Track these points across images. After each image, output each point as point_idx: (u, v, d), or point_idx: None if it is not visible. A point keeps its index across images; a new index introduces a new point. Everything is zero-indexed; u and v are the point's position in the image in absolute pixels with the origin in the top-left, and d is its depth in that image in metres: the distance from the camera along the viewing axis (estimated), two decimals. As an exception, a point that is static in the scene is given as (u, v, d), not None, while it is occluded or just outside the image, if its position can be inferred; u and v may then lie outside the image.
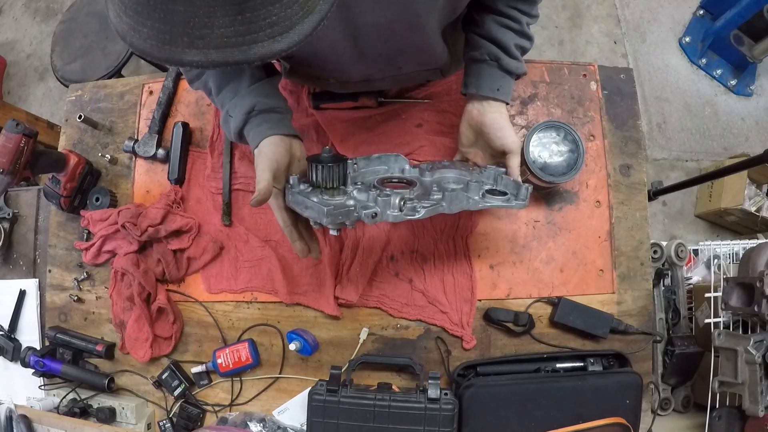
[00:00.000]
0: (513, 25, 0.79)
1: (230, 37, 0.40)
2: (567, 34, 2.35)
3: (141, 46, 0.41)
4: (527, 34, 0.80)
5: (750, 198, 1.97)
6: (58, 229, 1.13)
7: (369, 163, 0.83)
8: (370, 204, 0.69)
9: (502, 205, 0.77)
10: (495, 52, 0.80)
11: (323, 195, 0.71)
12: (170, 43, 0.40)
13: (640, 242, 1.00)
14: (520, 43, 0.80)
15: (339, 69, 0.83)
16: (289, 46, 0.42)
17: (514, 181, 0.79)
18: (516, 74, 0.82)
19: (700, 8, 2.30)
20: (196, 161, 1.09)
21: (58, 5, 2.64)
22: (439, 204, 0.71)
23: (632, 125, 1.04)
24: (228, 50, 0.40)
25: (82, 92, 1.19)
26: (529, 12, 0.80)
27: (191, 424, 1.01)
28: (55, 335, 1.06)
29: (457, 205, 0.73)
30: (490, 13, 0.80)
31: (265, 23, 0.40)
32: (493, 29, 0.79)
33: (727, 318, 1.16)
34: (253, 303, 1.04)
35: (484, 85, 0.81)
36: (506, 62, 0.80)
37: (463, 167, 0.84)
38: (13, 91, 2.59)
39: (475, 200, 0.75)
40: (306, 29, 0.43)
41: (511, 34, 0.79)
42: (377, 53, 0.77)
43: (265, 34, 0.41)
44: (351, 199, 0.70)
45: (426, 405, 0.86)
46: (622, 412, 0.88)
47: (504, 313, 0.96)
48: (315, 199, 0.69)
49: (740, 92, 2.25)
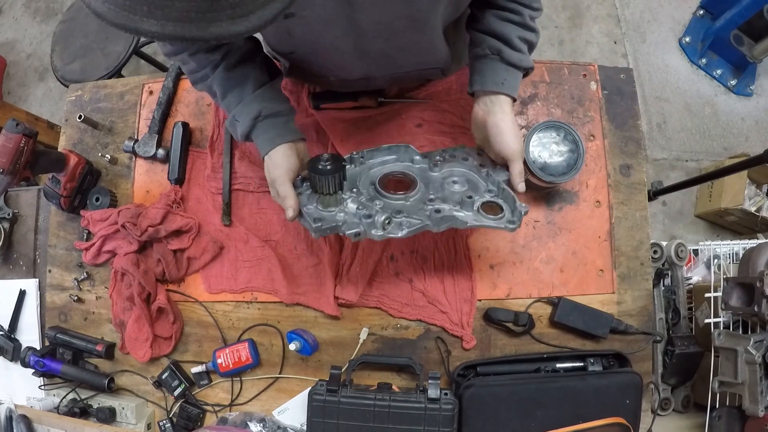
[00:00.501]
0: (514, 18, 0.78)
1: (190, 12, 0.39)
2: (567, 34, 2.35)
3: (99, 9, 0.40)
4: (530, 26, 0.79)
5: (750, 198, 1.97)
6: (58, 229, 1.13)
7: (376, 153, 0.85)
8: (355, 221, 0.75)
9: (491, 225, 0.77)
10: (496, 45, 0.78)
11: (319, 202, 0.78)
12: (129, 10, 0.39)
13: (640, 242, 1.00)
14: (523, 35, 0.78)
15: (340, 67, 0.84)
16: (247, 29, 0.42)
17: (513, 196, 0.78)
18: (521, 67, 0.80)
19: (700, 8, 2.30)
20: (196, 161, 1.09)
21: (58, 5, 2.64)
22: (424, 223, 0.75)
23: (632, 125, 1.04)
24: (186, 25, 0.40)
25: (82, 92, 1.19)
26: (530, 4, 0.78)
27: (191, 424, 1.01)
28: (55, 335, 1.06)
29: (444, 225, 0.76)
30: (491, 8, 0.79)
31: (228, 3, 0.40)
32: (494, 23, 0.78)
33: (727, 318, 1.16)
34: (253, 303, 1.04)
35: (488, 79, 0.79)
36: (508, 54, 0.78)
37: (474, 167, 0.83)
38: (13, 91, 2.59)
39: (463, 221, 0.76)
40: (267, 15, 0.43)
41: (512, 26, 0.78)
42: (379, 51, 0.77)
43: (226, 14, 0.41)
44: (341, 212, 0.77)
45: (426, 405, 0.86)
46: (622, 412, 0.88)
47: (504, 313, 0.96)
48: (311, 207, 0.77)
49: (740, 92, 2.25)
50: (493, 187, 0.80)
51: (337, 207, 0.77)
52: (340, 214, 0.76)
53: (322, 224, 0.75)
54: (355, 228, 0.74)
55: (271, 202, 1.03)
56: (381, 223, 0.74)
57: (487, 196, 0.79)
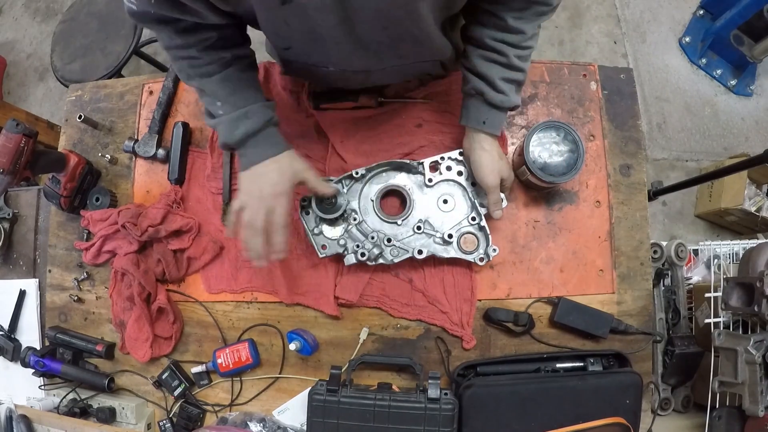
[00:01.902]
0: (500, 59, 0.80)
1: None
2: (567, 34, 2.35)
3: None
4: (517, 66, 0.81)
5: (750, 198, 1.97)
6: (58, 229, 1.13)
7: (377, 169, 0.96)
8: (354, 249, 0.93)
9: (466, 258, 0.93)
10: (480, 87, 0.83)
11: (323, 222, 0.95)
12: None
13: (640, 242, 1.00)
14: (508, 76, 0.81)
15: (338, 58, 0.84)
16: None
17: (488, 235, 0.93)
18: (504, 107, 0.84)
19: (700, 8, 2.30)
20: (196, 161, 1.09)
21: (58, 5, 2.64)
22: (410, 255, 0.92)
23: (632, 125, 1.04)
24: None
25: (82, 92, 1.19)
26: (518, 44, 0.80)
27: (191, 424, 1.01)
28: (55, 335, 1.06)
29: (426, 256, 0.92)
30: (478, 48, 0.82)
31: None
32: (479, 64, 0.82)
33: (727, 318, 1.16)
34: (253, 303, 1.04)
35: (471, 117, 0.86)
36: (491, 96, 0.82)
37: (467, 185, 0.95)
38: (13, 91, 2.59)
39: (442, 255, 0.93)
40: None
41: (497, 68, 0.81)
42: (377, 41, 0.77)
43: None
44: (341, 237, 0.94)
45: (426, 405, 0.86)
46: (622, 412, 0.88)
47: (504, 313, 0.96)
48: (315, 229, 0.95)
49: (740, 92, 2.25)
50: (476, 216, 0.93)
51: (335, 229, 0.95)
52: (342, 241, 0.94)
53: (327, 251, 0.94)
54: (352, 259, 0.92)
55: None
56: (375, 255, 0.92)
57: (468, 226, 0.94)
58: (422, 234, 0.94)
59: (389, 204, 0.99)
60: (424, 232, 0.94)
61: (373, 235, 0.93)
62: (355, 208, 0.96)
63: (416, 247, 0.93)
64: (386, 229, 0.95)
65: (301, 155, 1.02)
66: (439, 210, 0.95)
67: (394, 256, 0.93)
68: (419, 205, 0.96)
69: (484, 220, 0.93)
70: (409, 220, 0.95)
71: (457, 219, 0.95)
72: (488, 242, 0.93)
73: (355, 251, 0.93)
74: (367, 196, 0.97)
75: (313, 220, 0.95)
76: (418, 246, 0.93)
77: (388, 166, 0.97)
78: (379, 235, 0.94)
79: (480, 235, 0.94)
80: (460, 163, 0.95)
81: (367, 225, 0.95)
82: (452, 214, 0.95)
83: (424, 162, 0.95)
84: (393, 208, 0.99)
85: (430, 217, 0.95)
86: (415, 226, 0.94)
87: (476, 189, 0.94)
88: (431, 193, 0.96)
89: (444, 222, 0.95)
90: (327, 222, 0.95)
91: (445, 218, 0.95)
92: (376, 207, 0.95)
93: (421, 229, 0.94)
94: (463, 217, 0.95)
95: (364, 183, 0.97)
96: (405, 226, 0.95)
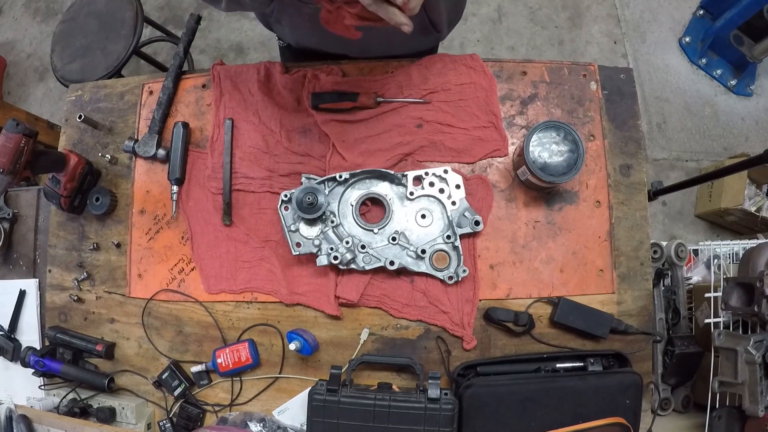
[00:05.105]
0: None
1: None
2: (567, 34, 2.35)
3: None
4: None
5: (750, 198, 1.97)
6: (58, 229, 1.13)
7: (359, 175, 0.98)
8: (328, 251, 0.95)
9: (436, 275, 0.96)
10: None
11: (302, 220, 0.96)
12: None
13: (640, 242, 1.00)
14: None
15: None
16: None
17: (461, 254, 0.95)
18: None
19: (700, 8, 2.30)
20: (196, 161, 1.09)
21: (58, 5, 2.64)
22: (382, 264, 0.95)
23: (632, 125, 1.04)
24: None
25: (82, 92, 1.19)
26: None
27: (191, 424, 1.01)
28: (55, 335, 1.06)
29: (398, 267, 0.95)
30: None
31: None
32: None
33: (727, 318, 1.16)
34: (253, 303, 1.04)
35: None
36: None
37: (446, 203, 0.97)
38: (13, 91, 2.59)
39: (413, 269, 0.95)
40: None
41: None
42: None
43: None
44: (316, 238, 0.96)
45: (426, 405, 0.86)
46: (622, 412, 0.88)
47: (504, 313, 0.96)
48: (292, 226, 0.97)
49: (740, 92, 2.25)
50: (451, 235, 0.96)
51: (314, 229, 0.97)
52: (317, 241, 0.95)
53: (301, 249, 0.96)
54: (324, 260, 0.94)
55: (272, 202, 1.03)
56: (347, 260, 0.94)
57: (442, 244, 0.96)
58: (396, 245, 0.96)
59: (368, 211, 1.01)
60: (398, 243, 0.96)
61: (348, 240, 0.95)
62: (334, 210, 0.97)
63: (389, 258, 0.95)
64: (362, 236, 0.97)
65: (302, 153, 1.03)
66: (416, 224, 0.98)
67: (366, 263, 0.95)
68: (397, 216, 0.98)
69: (458, 241, 0.95)
70: (385, 230, 0.97)
71: (432, 235, 0.97)
72: (459, 262, 0.95)
73: (328, 253, 0.94)
74: (348, 200, 0.99)
75: (291, 217, 0.96)
76: (391, 256, 0.95)
77: (372, 174, 0.98)
78: (354, 241, 0.96)
79: (453, 255, 0.96)
80: (443, 181, 0.98)
81: (344, 229, 0.97)
82: (428, 229, 0.97)
83: (408, 174, 0.97)
84: (372, 216, 1.01)
85: (406, 230, 0.97)
86: (391, 236, 0.96)
87: (456, 210, 0.96)
88: (411, 206, 0.98)
89: (419, 236, 0.97)
90: (305, 221, 0.96)
91: (421, 233, 0.97)
92: (354, 212, 0.97)
93: (396, 240, 0.96)
94: (439, 234, 0.97)
95: (346, 187, 0.99)
96: (381, 235, 0.97)
